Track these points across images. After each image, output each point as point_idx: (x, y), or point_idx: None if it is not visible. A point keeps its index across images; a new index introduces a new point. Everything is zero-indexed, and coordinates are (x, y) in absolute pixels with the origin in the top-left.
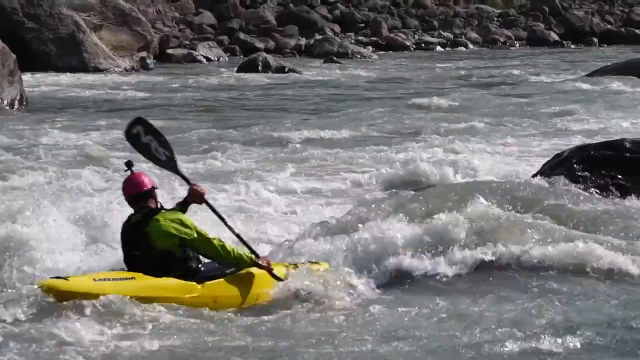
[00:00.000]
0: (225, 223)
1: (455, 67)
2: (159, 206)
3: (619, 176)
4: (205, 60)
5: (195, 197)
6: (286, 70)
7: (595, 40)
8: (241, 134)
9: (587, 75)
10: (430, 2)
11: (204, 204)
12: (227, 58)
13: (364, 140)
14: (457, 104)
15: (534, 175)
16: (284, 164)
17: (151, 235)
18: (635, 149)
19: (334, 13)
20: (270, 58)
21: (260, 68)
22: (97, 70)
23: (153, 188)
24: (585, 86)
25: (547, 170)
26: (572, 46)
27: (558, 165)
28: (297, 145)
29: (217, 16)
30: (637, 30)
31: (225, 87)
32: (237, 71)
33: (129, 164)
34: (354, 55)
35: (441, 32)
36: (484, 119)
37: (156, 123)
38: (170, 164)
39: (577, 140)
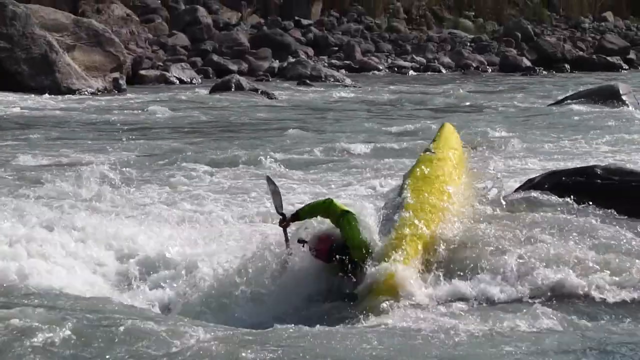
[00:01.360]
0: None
1: (427, 92)
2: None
3: (590, 202)
4: (178, 81)
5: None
6: (259, 92)
7: (567, 66)
8: (214, 154)
9: (558, 101)
10: (403, 26)
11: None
12: (200, 80)
13: (338, 162)
14: (425, 127)
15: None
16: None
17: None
18: (607, 176)
19: (307, 36)
20: (243, 80)
21: (233, 90)
22: (69, 90)
23: (332, 241)
24: (556, 112)
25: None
26: (544, 72)
27: (530, 190)
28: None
29: (191, 38)
30: (608, 58)
31: (198, 108)
32: (210, 93)
33: (302, 241)
34: (327, 79)
35: (414, 56)
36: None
37: (131, 143)
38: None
39: (548, 166)
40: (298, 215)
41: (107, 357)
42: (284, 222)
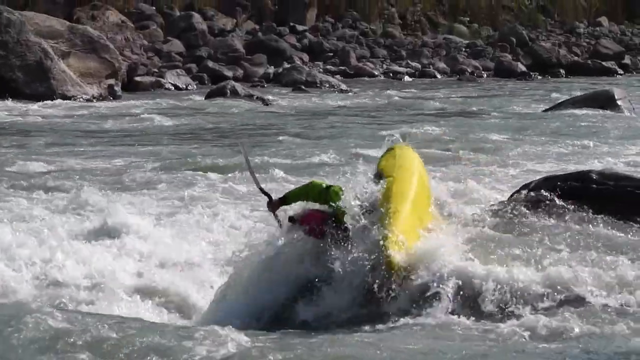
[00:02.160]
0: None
1: (423, 97)
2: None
3: (585, 207)
4: (173, 87)
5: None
6: (255, 98)
7: (562, 71)
8: (217, 160)
9: (553, 106)
10: (398, 32)
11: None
12: (195, 86)
13: (340, 166)
14: (424, 132)
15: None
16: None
17: None
18: (602, 181)
19: (302, 42)
20: (238, 86)
21: (228, 96)
22: (64, 97)
23: (323, 215)
24: (551, 117)
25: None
26: (539, 77)
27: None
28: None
29: (186, 44)
30: (603, 63)
31: (195, 115)
32: (205, 99)
33: (292, 219)
34: (323, 84)
35: (409, 61)
36: (447, 148)
37: (130, 149)
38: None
39: (543, 171)
40: (285, 199)
41: None
42: (272, 205)
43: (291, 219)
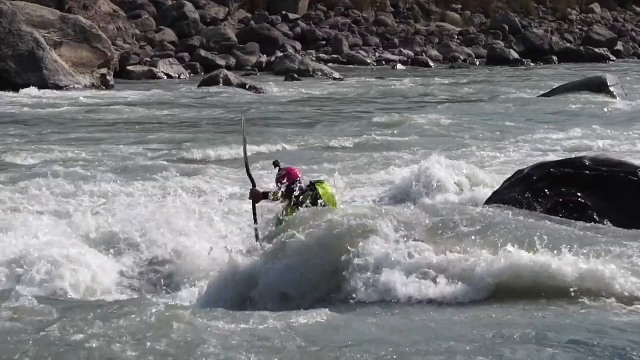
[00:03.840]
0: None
1: (416, 85)
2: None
3: (579, 193)
4: (165, 76)
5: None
6: (247, 87)
7: (555, 58)
8: (213, 149)
9: (547, 92)
10: (390, 20)
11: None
12: (187, 75)
13: (335, 157)
14: (418, 121)
15: (495, 192)
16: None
17: None
18: (594, 166)
19: (295, 30)
20: (231, 75)
21: (221, 85)
22: (57, 87)
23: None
24: (544, 103)
25: (507, 187)
26: (532, 64)
27: (518, 182)
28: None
29: (178, 33)
30: (595, 49)
31: (187, 104)
32: (198, 87)
33: (276, 164)
34: (315, 73)
35: (402, 49)
36: (441, 135)
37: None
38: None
39: (537, 157)
40: (267, 195)
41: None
42: (254, 194)
43: (276, 164)
